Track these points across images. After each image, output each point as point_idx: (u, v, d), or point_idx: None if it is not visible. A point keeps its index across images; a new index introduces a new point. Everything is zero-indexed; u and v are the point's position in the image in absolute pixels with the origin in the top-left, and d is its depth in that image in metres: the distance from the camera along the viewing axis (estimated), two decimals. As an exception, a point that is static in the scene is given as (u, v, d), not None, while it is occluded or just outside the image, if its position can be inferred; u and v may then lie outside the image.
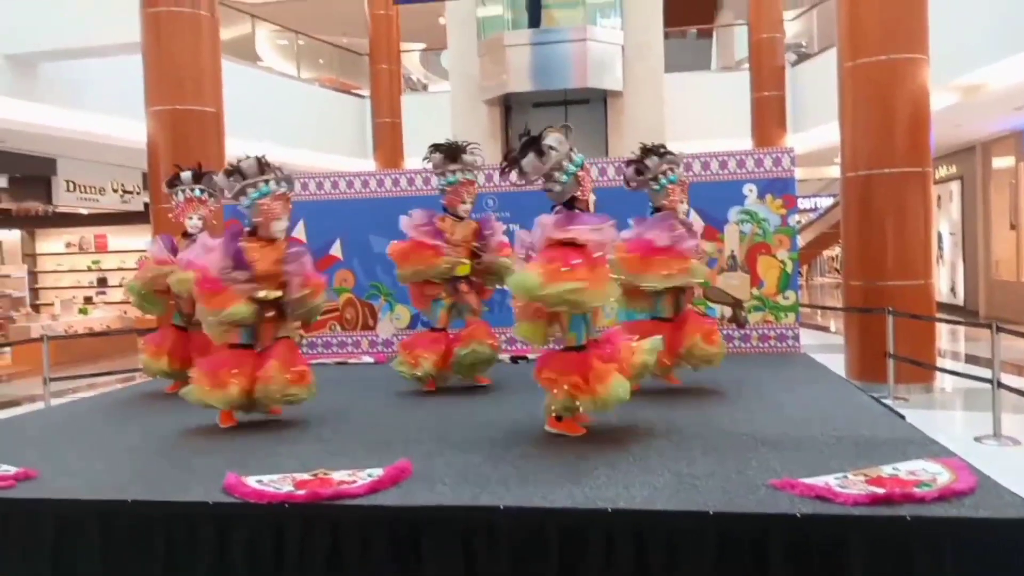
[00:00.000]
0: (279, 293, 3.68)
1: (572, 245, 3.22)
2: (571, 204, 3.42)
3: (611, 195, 4.42)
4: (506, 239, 4.64)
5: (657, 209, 4.24)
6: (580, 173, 3.42)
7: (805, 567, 2.20)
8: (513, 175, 3.46)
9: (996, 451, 5.28)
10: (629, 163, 4.28)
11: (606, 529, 2.31)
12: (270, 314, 3.68)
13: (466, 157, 4.49)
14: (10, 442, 3.52)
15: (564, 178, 3.38)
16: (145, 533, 2.51)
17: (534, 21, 11.58)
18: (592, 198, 3.47)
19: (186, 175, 4.71)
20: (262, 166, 3.69)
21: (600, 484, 2.58)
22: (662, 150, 4.25)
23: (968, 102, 10.35)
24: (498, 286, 4.70)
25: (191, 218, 4.66)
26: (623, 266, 3.90)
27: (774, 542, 2.23)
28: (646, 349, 3.42)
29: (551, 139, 3.38)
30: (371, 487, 2.55)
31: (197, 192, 4.69)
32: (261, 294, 3.61)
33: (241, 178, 3.67)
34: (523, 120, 11.82)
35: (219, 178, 3.82)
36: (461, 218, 4.53)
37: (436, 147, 4.52)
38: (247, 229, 3.73)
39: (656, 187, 4.21)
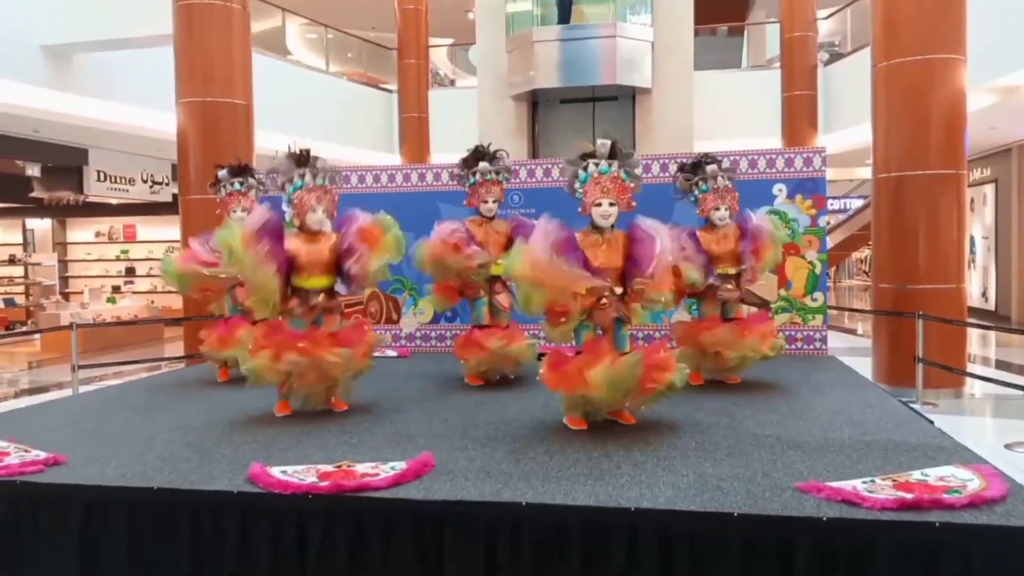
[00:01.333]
0: (324, 282, 3.73)
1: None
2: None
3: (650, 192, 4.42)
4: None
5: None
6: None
7: (830, 572, 2.17)
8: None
9: (1027, 459, 5.19)
10: (689, 169, 4.42)
11: (629, 528, 2.29)
12: (315, 301, 3.70)
13: (483, 163, 4.53)
14: (40, 428, 3.57)
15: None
16: (170, 520, 2.54)
17: (564, 17, 11.53)
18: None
19: (223, 172, 4.76)
20: (298, 160, 3.72)
21: (623, 483, 2.56)
22: (693, 162, 4.37)
23: (1005, 103, 10.16)
24: None
25: (235, 211, 4.69)
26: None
27: (799, 546, 2.20)
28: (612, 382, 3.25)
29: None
30: (394, 480, 2.55)
31: (237, 186, 4.74)
32: (308, 285, 3.69)
33: (277, 175, 3.74)
34: (550, 117, 11.85)
35: (263, 176, 3.91)
36: (488, 218, 4.54)
37: (464, 161, 4.61)
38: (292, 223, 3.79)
39: (692, 200, 4.38)
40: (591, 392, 3.24)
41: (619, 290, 3.38)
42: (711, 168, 4.28)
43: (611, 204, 3.36)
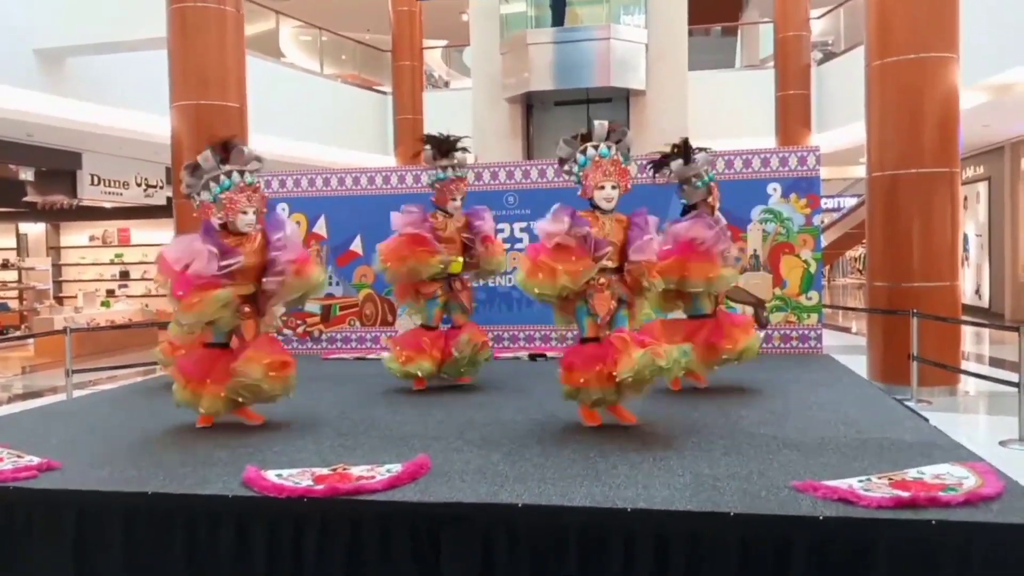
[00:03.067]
0: (253, 288, 3.54)
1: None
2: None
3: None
4: (490, 230, 4.57)
5: (691, 207, 4.24)
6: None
7: (828, 570, 2.17)
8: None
9: (1021, 455, 5.19)
10: (667, 156, 4.25)
11: (625, 529, 2.29)
12: (247, 309, 3.52)
13: (458, 155, 4.46)
14: (33, 433, 3.56)
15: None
16: (165, 526, 2.53)
17: (558, 19, 11.52)
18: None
19: (188, 174, 4.67)
20: (222, 157, 3.48)
21: (620, 483, 2.56)
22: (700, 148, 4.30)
23: (998, 102, 10.19)
24: (488, 282, 4.69)
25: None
26: (664, 271, 3.81)
27: (796, 545, 2.20)
28: (638, 365, 3.14)
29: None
30: (390, 482, 2.55)
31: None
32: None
33: (201, 173, 3.50)
34: (544, 118, 11.85)
35: (183, 175, 3.60)
36: (451, 215, 4.48)
37: (429, 140, 4.48)
38: (218, 225, 3.54)
39: (699, 184, 4.20)
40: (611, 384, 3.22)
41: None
42: (675, 164, 4.23)
43: (613, 187, 3.36)
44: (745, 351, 4.16)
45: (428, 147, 4.46)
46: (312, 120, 13.75)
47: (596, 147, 3.37)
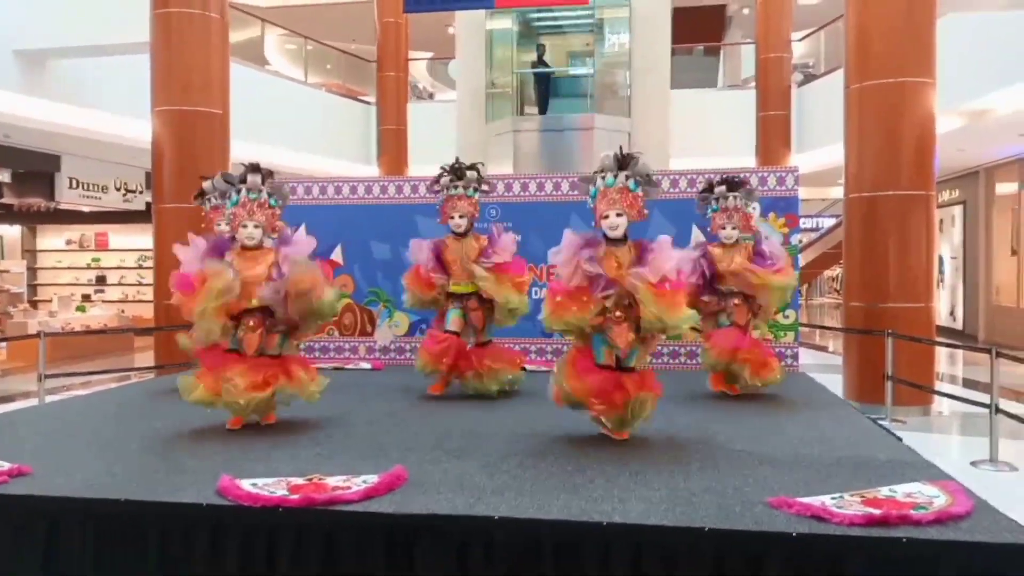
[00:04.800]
0: (257, 303, 3.62)
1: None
2: None
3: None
4: (508, 257, 4.54)
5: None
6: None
7: (800, 587, 2.19)
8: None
9: (992, 476, 5.26)
10: (703, 191, 4.72)
11: (601, 542, 2.29)
12: (251, 323, 3.62)
13: (447, 175, 4.54)
14: (4, 438, 3.51)
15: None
16: (138, 533, 2.50)
17: (543, 107, 11.71)
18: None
19: (208, 184, 4.69)
20: (229, 178, 3.70)
21: (596, 497, 2.57)
22: (724, 178, 4.60)
23: (973, 127, 10.38)
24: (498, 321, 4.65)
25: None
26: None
27: (769, 560, 2.21)
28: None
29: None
30: (366, 493, 2.53)
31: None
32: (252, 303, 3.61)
33: (216, 192, 3.75)
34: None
35: (212, 183, 3.91)
36: (461, 235, 4.51)
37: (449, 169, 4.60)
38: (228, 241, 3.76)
39: (707, 216, 4.66)
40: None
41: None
42: (719, 189, 4.53)
43: (617, 215, 3.36)
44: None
45: (445, 176, 4.57)
46: (295, 128, 13.72)
47: (604, 177, 3.40)
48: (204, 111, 7.77)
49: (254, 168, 3.67)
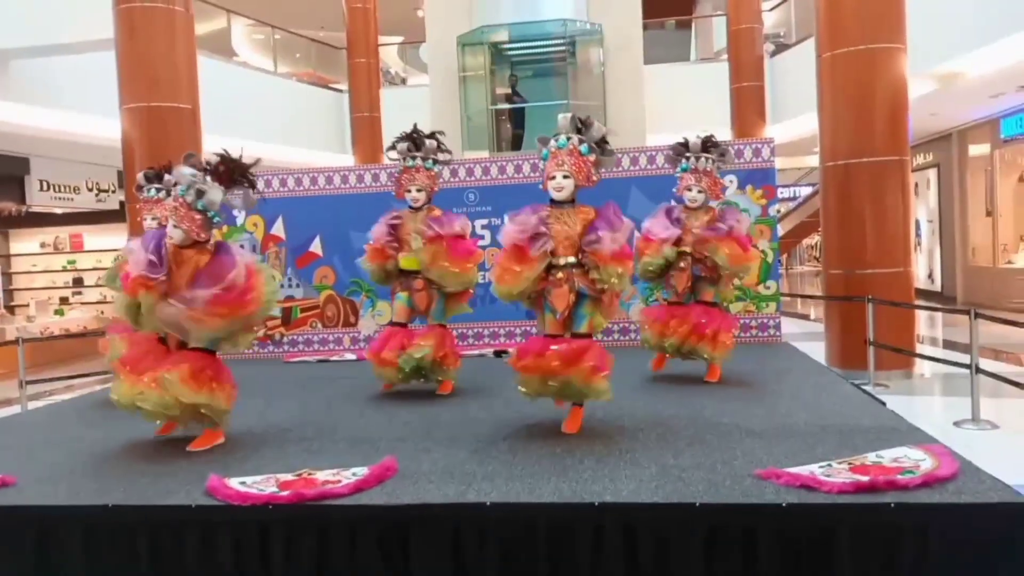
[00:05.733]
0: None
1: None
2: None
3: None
4: (451, 231, 4.22)
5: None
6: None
7: (792, 555, 2.21)
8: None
9: (975, 435, 5.34)
10: (677, 144, 4.46)
11: (593, 523, 2.31)
12: None
13: (400, 145, 4.34)
14: (-13, 447, 3.46)
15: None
16: (128, 539, 2.47)
17: (517, 145, 11.23)
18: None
19: (141, 176, 4.56)
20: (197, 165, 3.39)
21: (587, 478, 2.57)
22: (704, 138, 4.40)
23: (945, 90, 10.44)
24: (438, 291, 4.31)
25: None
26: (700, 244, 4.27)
27: (761, 532, 2.23)
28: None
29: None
30: (356, 486, 2.53)
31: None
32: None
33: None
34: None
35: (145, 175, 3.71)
36: (415, 209, 4.30)
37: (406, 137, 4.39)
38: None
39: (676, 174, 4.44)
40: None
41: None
42: (693, 144, 4.33)
43: (564, 176, 3.25)
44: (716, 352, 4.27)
45: (402, 143, 4.35)
46: (267, 119, 13.56)
47: (556, 139, 3.32)
48: (173, 106, 7.65)
49: (188, 156, 3.43)
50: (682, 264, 4.26)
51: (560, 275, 3.25)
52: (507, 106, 11.25)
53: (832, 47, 7.20)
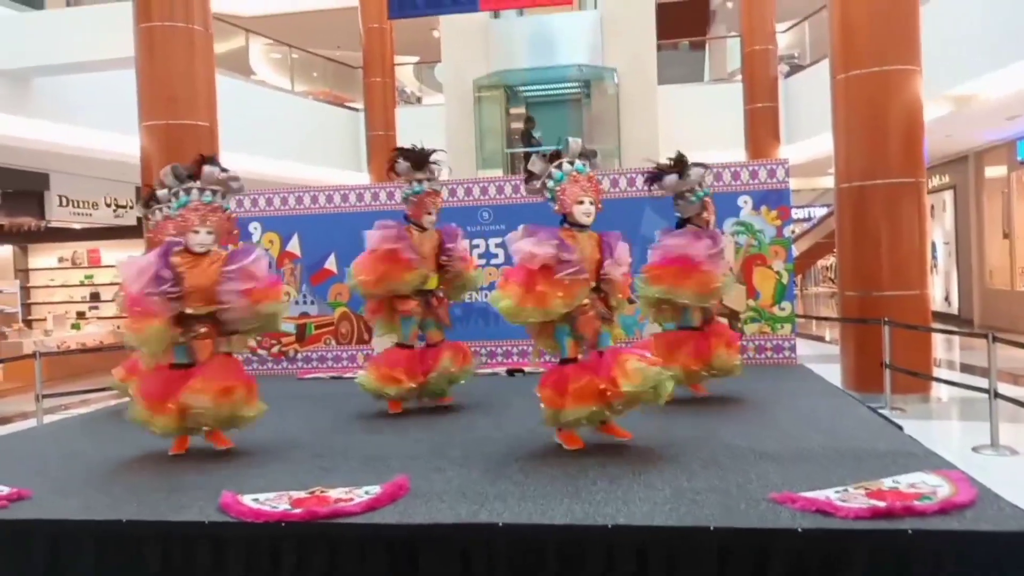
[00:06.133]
0: (210, 308, 3.43)
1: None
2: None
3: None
4: (465, 249, 4.63)
5: (686, 221, 4.29)
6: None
7: (807, 582, 2.18)
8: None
9: (994, 461, 5.27)
10: (662, 170, 4.27)
11: (606, 545, 2.29)
12: (203, 330, 3.46)
13: (433, 167, 4.37)
14: (2, 461, 3.48)
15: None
16: (140, 553, 2.48)
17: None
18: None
19: (162, 189, 4.56)
20: (180, 175, 3.46)
21: (599, 500, 2.56)
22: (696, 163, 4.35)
23: (960, 112, 10.40)
24: (465, 298, 4.72)
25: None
26: (656, 281, 4.13)
27: (775, 557, 2.21)
28: (645, 377, 3.14)
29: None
30: (368, 505, 2.52)
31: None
32: (189, 310, 3.41)
33: (163, 188, 3.54)
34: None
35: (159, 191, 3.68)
36: (425, 229, 4.39)
37: (403, 153, 4.37)
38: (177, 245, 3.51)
39: (693, 198, 4.25)
40: (602, 404, 3.20)
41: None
42: (668, 179, 4.25)
43: (591, 203, 3.36)
44: (727, 369, 4.23)
45: (402, 160, 4.34)
46: (284, 138, 13.68)
47: (572, 163, 3.38)
48: (191, 124, 7.74)
49: (208, 160, 3.46)
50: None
51: (586, 302, 3.31)
52: (523, 149, 11.28)
53: (847, 69, 7.19)
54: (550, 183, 3.41)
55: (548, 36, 11.14)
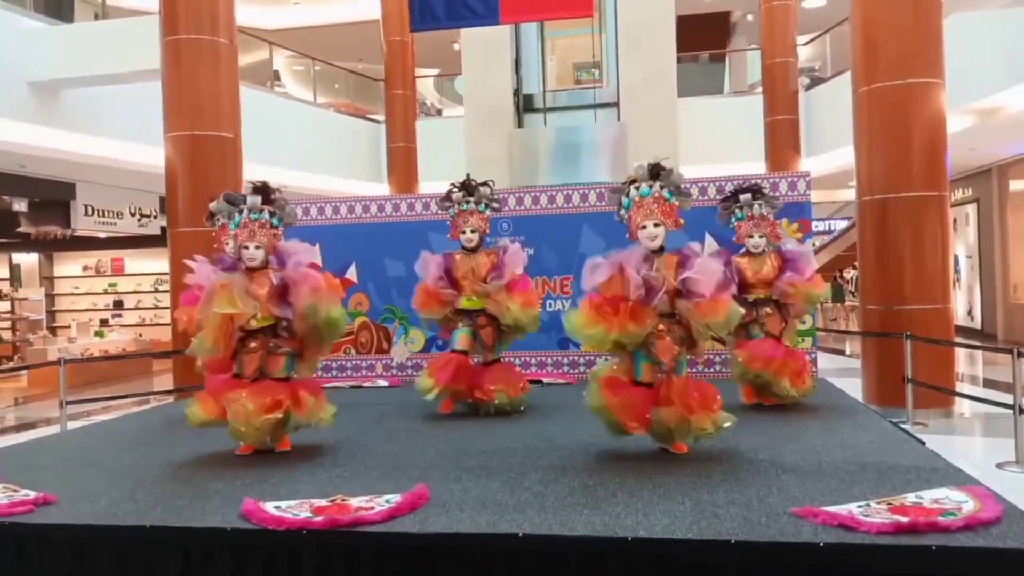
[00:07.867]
0: (269, 321, 3.60)
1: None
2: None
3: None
4: (518, 273, 4.54)
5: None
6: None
7: (829, 598, 2.17)
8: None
9: (1019, 478, 5.20)
10: (725, 199, 4.58)
11: (625, 558, 2.28)
12: (253, 344, 3.60)
13: (452, 192, 4.53)
14: (28, 466, 3.53)
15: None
16: (163, 559, 2.51)
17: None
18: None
19: (213, 204, 4.68)
20: (232, 199, 3.68)
21: (619, 512, 2.55)
22: (748, 185, 4.55)
23: (984, 125, 10.32)
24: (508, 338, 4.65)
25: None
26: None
27: (797, 571, 2.20)
28: (714, 419, 3.30)
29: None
30: (389, 513, 2.54)
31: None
32: (253, 323, 3.57)
33: (221, 216, 3.79)
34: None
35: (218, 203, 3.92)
36: (471, 251, 4.51)
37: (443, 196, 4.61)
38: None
39: (731, 227, 4.57)
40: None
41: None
42: (744, 197, 4.45)
43: (656, 225, 3.34)
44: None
45: (458, 192, 4.54)
46: (306, 149, 13.83)
47: (638, 188, 3.38)
48: (216, 135, 7.85)
49: (257, 189, 3.64)
50: (768, 310, 4.51)
51: (662, 327, 3.32)
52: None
53: (869, 81, 7.17)
54: (622, 212, 3.46)
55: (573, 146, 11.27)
